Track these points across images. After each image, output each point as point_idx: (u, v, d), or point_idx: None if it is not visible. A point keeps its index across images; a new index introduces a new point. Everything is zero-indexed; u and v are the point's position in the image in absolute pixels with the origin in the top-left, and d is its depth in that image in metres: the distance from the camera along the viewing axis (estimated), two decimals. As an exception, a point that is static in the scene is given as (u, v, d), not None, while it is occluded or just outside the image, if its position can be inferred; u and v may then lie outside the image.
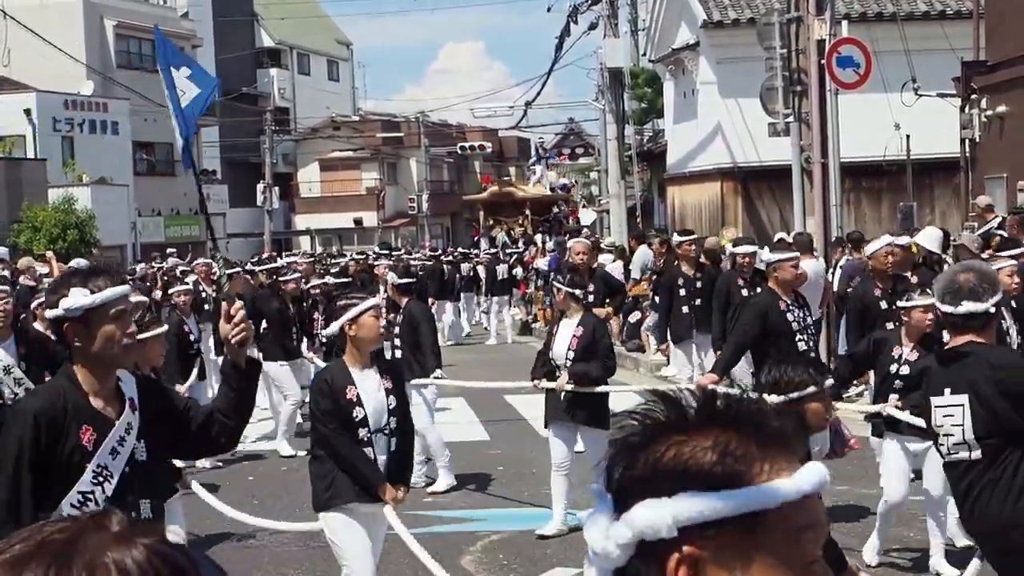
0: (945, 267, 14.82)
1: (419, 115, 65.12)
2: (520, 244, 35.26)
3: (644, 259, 22.17)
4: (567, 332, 10.02)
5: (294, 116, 67.48)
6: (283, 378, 14.49)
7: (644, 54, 34.51)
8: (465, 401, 16.35)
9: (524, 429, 14.41)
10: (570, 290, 10.11)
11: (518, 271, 30.48)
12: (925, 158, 24.04)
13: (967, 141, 21.08)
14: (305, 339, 15.21)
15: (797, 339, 9.66)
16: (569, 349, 9.91)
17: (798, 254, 10.76)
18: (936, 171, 25.69)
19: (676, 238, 17.03)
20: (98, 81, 46.84)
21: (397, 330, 11.92)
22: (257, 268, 19.54)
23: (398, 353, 12.19)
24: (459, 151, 62.84)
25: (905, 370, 8.31)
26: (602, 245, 26.65)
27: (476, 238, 46.74)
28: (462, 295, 29.06)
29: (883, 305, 10.51)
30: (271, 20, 66.27)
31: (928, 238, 14.83)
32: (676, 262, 16.69)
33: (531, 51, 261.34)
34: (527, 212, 39.91)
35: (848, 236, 18.74)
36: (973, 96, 20.68)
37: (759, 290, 11.63)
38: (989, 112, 20.14)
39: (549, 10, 39.06)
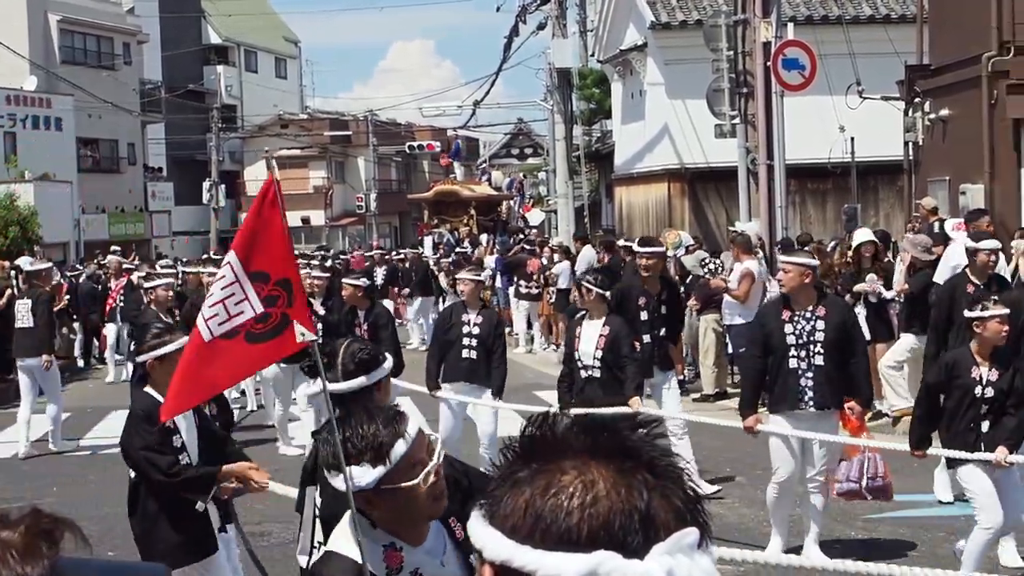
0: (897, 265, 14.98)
1: (367, 114, 64.94)
2: (466, 243, 35.12)
3: (589, 260, 22.19)
4: (593, 332, 10.26)
5: (241, 114, 67.11)
6: (280, 383, 14.32)
7: (592, 55, 34.59)
8: (411, 401, 16.29)
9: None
10: (601, 291, 10.41)
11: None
12: (869, 160, 24.24)
13: (911, 144, 21.27)
14: None
15: (791, 355, 8.92)
16: (597, 348, 10.18)
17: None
18: (880, 173, 25.90)
19: (636, 247, 12.88)
20: (42, 76, 46.32)
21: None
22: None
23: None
24: (407, 150, 62.73)
25: (989, 392, 7.88)
26: (552, 245, 26.67)
27: (421, 237, 46.68)
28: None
29: None
30: (218, 17, 65.83)
31: (868, 235, 15.04)
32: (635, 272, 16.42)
33: (480, 50, 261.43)
34: (472, 212, 39.79)
35: (797, 239, 18.90)
36: (916, 99, 20.86)
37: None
38: (932, 115, 20.32)
39: (498, 9, 39.12)
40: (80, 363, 23.81)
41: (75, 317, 23.36)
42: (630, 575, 1.25)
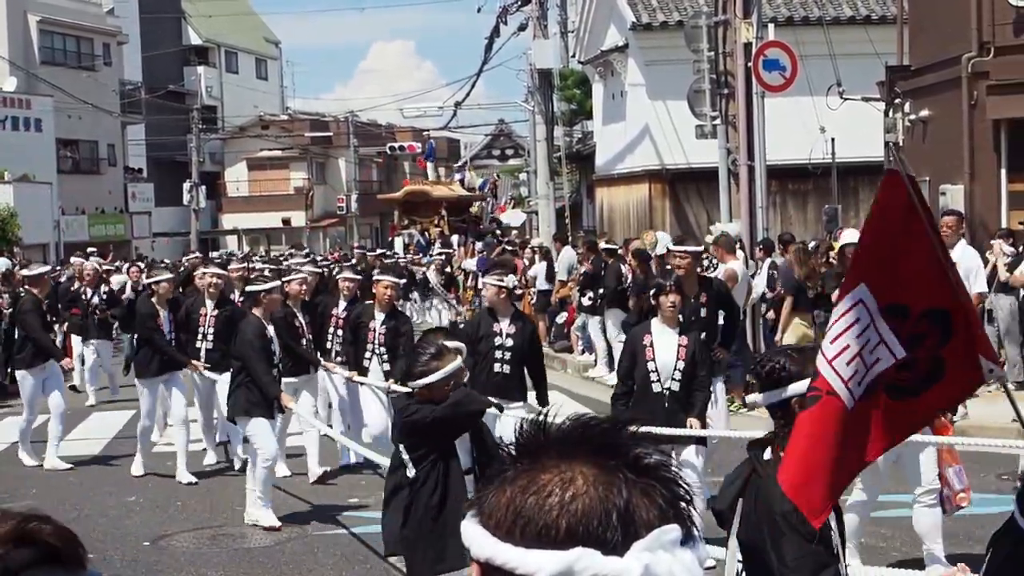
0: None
1: (348, 115, 64.85)
2: (437, 244, 34.98)
3: (569, 260, 22.19)
4: (670, 342, 9.10)
5: (221, 115, 66.94)
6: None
7: (573, 56, 34.58)
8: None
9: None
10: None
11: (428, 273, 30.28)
12: (850, 161, 24.28)
13: (891, 144, 21.31)
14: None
15: None
16: (679, 359, 9.09)
17: None
18: (861, 174, 25.95)
19: (670, 247, 12.59)
20: (21, 77, 46.14)
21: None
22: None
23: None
24: (388, 151, 62.67)
25: None
26: (533, 246, 26.69)
27: (391, 238, 46.50)
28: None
29: None
30: (198, 17, 65.67)
31: (855, 236, 15.06)
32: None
33: (461, 51, 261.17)
34: (443, 212, 39.56)
35: (779, 237, 18.91)
36: (897, 100, 20.90)
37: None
38: (912, 116, 20.37)
39: (479, 10, 39.22)
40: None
41: (54, 320, 23.16)
42: (607, 571, 1.26)
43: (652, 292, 9.15)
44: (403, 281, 17.41)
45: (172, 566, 9.48)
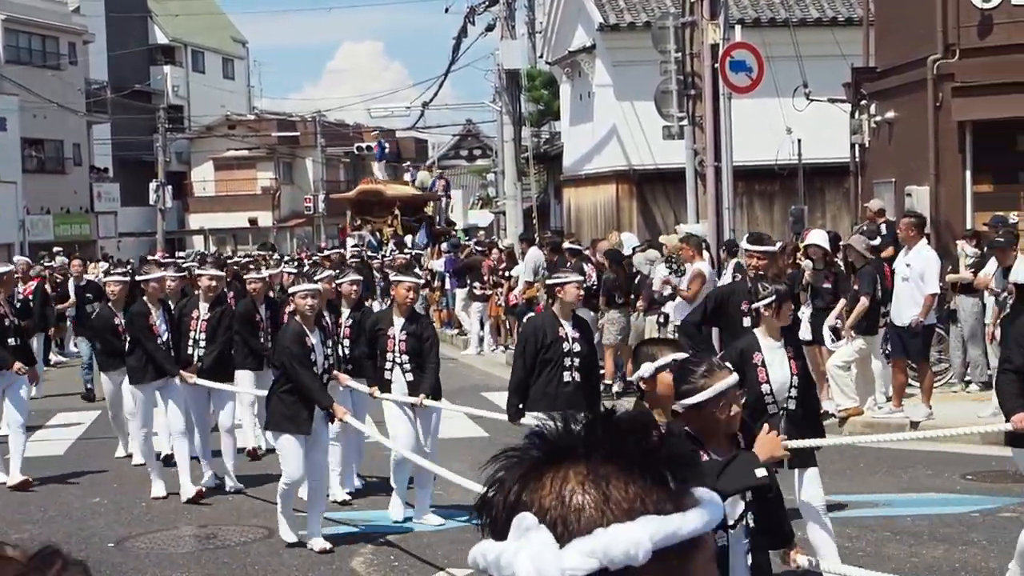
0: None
1: (315, 115, 64.67)
2: (391, 245, 34.70)
3: (535, 261, 22.17)
4: (781, 357, 7.81)
5: (188, 114, 66.62)
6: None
7: (541, 56, 34.61)
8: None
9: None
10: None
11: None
12: (816, 162, 24.38)
13: (857, 146, 21.41)
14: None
15: None
16: (793, 375, 7.82)
17: None
18: (827, 175, 26.06)
19: (746, 245, 11.47)
20: (-15, 76, 45.86)
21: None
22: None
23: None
24: (355, 151, 62.53)
25: None
26: (501, 246, 26.71)
27: (342, 239, 46.20)
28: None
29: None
30: (165, 16, 65.32)
31: (820, 237, 15.14)
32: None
33: (430, 52, 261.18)
34: (396, 212, 39.25)
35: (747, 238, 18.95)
36: (862, 102, 20.99)
37: None
38: (878, 118, 20.45)
39: (447, 11, 39.06)
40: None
41: (24, 325, 22.80)
42: (479, 559, 1.33)
43: (770, 299, 7.69)
44: (422, 282, 16.83)
45: (136, 568, 9.43)
